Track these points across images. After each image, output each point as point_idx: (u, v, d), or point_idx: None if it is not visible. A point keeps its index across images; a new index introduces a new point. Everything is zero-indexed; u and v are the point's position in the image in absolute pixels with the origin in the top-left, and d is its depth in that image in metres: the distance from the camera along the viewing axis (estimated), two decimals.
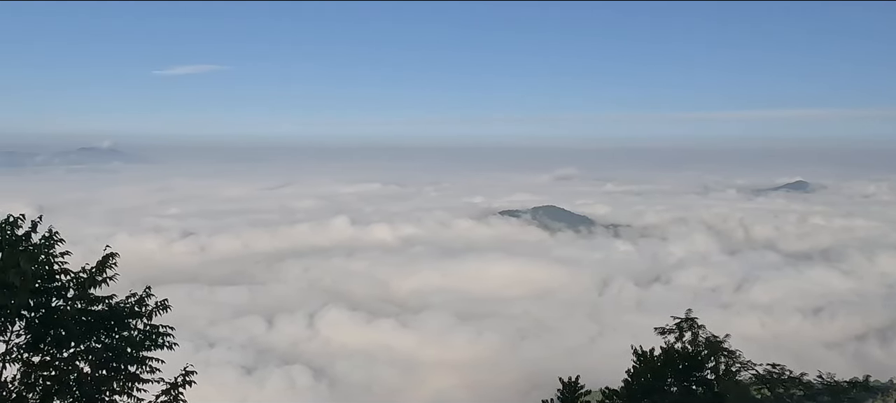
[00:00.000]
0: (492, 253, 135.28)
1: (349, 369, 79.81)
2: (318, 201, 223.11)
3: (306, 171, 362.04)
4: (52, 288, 10.01)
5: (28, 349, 9.90)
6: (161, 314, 10.88)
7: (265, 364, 77.82)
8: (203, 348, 75.23)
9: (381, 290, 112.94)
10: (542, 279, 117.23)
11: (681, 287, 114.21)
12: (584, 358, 74.85)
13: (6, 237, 9.62)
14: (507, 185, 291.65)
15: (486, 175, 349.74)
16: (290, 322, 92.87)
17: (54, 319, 9.94)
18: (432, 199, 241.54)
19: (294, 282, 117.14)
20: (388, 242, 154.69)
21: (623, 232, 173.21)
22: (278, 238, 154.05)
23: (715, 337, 18.28)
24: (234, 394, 68.32)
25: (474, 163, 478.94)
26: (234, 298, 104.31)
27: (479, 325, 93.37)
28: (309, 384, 74.37)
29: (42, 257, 9.72)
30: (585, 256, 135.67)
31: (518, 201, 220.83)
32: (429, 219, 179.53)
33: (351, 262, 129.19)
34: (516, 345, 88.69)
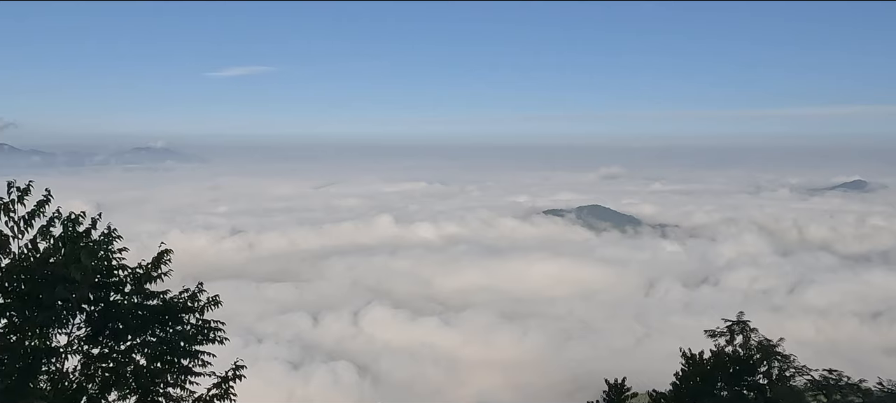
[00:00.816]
0: (536, 252, 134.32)
1: (393, 366, 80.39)
2: (362, 200, 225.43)
3: (352, 170, 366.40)
4: (111, 283, 10.35)
5: (88, 341, 10.27)
6: (212, 309, 11.17)
7: (311, 359, 78.97)
8: (252, 343, 76.85)
9: (425, 288, 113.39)
10: (587, 279, 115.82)
11: (730, 288, 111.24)
12: (629, 360, 73.62)
13: (68, 233, 10.00)
14: (552, 184, 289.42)
15: (531, 174, 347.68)
16: (335, 319, 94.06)
17: (112, 313, 10.28)
18: (476, 198, 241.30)
19: (338, 280, 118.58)
20: (432, 241, 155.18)
21: (670, 232, 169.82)
22: (324, 236, 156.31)
23: (768, 341, 17.74)
24: (280, 389, 69.60)
25: (519, 161, 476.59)
26: (281, 294, 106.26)
27: (523, 325, 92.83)
28: (353, 380, 75.16)
29: (101, 253, 10.07)
30: (631, 256, 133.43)
31: (563, 200, 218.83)
32: (472, 218, 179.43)
33: (395, 260, 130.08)
34: (560, 346, 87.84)
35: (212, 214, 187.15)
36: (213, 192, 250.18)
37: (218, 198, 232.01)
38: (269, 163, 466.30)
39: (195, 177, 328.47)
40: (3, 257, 9.59)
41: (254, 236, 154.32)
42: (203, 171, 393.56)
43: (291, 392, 71.01)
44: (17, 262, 9.64)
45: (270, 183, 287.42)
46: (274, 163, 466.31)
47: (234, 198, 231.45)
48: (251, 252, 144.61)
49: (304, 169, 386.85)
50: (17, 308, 9.54)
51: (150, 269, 10.64)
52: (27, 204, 9.85)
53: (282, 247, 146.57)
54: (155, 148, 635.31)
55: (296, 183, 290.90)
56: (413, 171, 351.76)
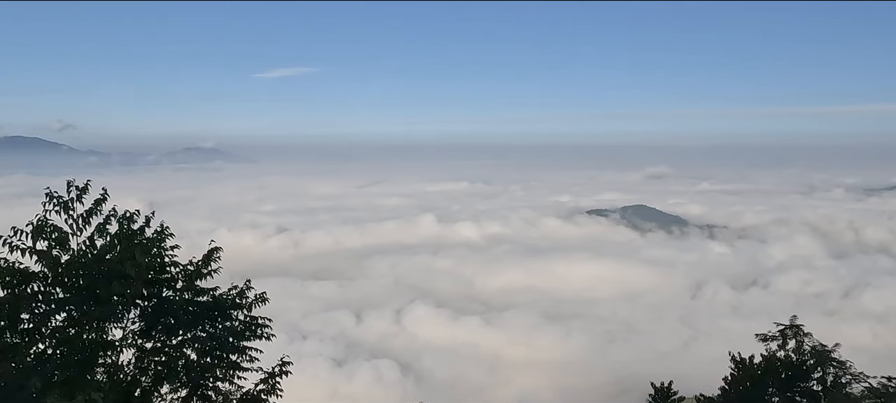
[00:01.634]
0: (579, 252, 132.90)
1: (435, 365, 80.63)
2: (405, 199, 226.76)
3: (395, 170, 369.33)
4: (163, 280, 10.68)
5: (141, 335, 10.61)
6: (260, 306, 11.42)
7: (354, 357, 79.82)
8: (296, 340, 78.14)
9: (467, 288, 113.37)
10: (632, 280, 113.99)
11: (781, 291, 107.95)
12: (676, 363, 72.14)
13: (123, 231, 10.34)
14: (596, 184, 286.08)
15: (575, 173, 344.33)
16: (378, 317, 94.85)
17: (165, 308, 10.59)
18: (519, 198, 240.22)
19: (381, 279, 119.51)
20: (474, 240, 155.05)
21: (719, 233, 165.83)
22: (367, 235, 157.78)
23: (822, 346, 17.15)
24: (325, 385, 70.54)
25: (563, 161, 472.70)
26: (325, 292, 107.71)
27: (566, 326, 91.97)
28: (396, 378, 75.66)
29: (154, 250, 10.38)
30: (678, 257, 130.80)
31: (607, 200, 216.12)
32: (515, 218, 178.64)
33: (437, 260, 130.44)
34: (604, 347, 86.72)
35: (258, 213, 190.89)
36: (260, 191, 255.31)
37: (264, 197, 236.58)
38: (313, 162, 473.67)
39: (242, 177, 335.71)
40: (63, 253, 9.98)
41: (299, 234, 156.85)
42: (250, 171, 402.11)
43: (335, 389, 71.91)
44: (76, 258, 10.02)
45: (315, 182, 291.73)
46: (318, 162, 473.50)
47: (279, 197, 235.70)
48: (296, 250, 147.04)
49: (347, 168, 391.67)
50: (76, 302, 9.91)
51: (200, 266, 10.93)
52: (85, 202, 10.24)
53: (326, 246, 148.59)
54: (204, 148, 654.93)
55: (340, 182, 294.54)
56: (456, 171, 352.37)
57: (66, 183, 10.16)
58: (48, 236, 9.82)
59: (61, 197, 10.04)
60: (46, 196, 10.02)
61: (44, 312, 9.84)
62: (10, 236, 9.70)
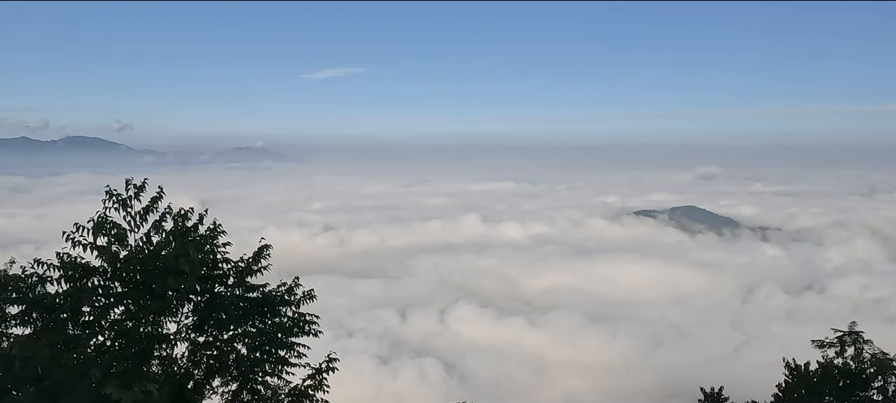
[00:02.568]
0: (626, 254, 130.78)
1: (479, 365, 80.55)
2: (450, 198, 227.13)
3: (440, 169, 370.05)
4: (215, 276, 10.98)
5: (194, 329, 10.93)
6: (307, 303, 11.64)
7: (399, 355, 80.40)
8: (342, 337, 79.13)
9: (511, 288, 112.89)
10: (680, 282, 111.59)
11: (838, 297, 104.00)
12: (726, 368, 70.37)
13: (178, 228, 10.68)
14: (644, 184, 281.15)
15: (622, 173, 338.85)
16: (423, 316, 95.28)
17: (216, 304, 10.89)
18: (564, 198, 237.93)
19: (425, 278, 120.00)
20: (519, 240, 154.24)
21: (772, 235, 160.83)
22: (411, 234, 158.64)
23: (884, 354, 16.46)
24: (370, 383, 71.25)
25: (610, 161, 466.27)
26: (370, 290, 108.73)
27: (612, 328, 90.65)
28: (440, 377, 75.86)
29: (207, 247, 10.68)
30: (729, 260, 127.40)
31: (655, 201, 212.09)
32: (560, 218, 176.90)
33: (481, 259, 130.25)
34: (651, 351, 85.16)
35: (306, 211, 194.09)
36: (307, 190, 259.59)
37: (311, 195, 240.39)
38: (360, 162, 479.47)
39: (291, 176, 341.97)
40: (122, 249, 10.36)
41: (345, 233, 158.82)
42: (298, 170, 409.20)
43: (380, 386, 72.56)
44: (134, 254, 10.39)
45: (361, 181, 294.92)
46: (365, 162, 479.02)
47: (326, 195, 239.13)
48: (342, 248, 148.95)
49: (393, 168, 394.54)
50: (133, 296, 10.28)
51: (251, 263, 11.22)
52: (142, 200, 10.61)
53: (371, 244, 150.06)
54: (254, 148, 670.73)
55: (385, 181, 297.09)
56: (501, 171, 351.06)
57: (124, 181, 10.55)
58: (108, 232, 10.21)
59: (120, 195, 10.43)
60: (106, 194, 10.42)
61: (103, 305, 10.25)
62: (73, 232, 10.13)
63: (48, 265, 10.10)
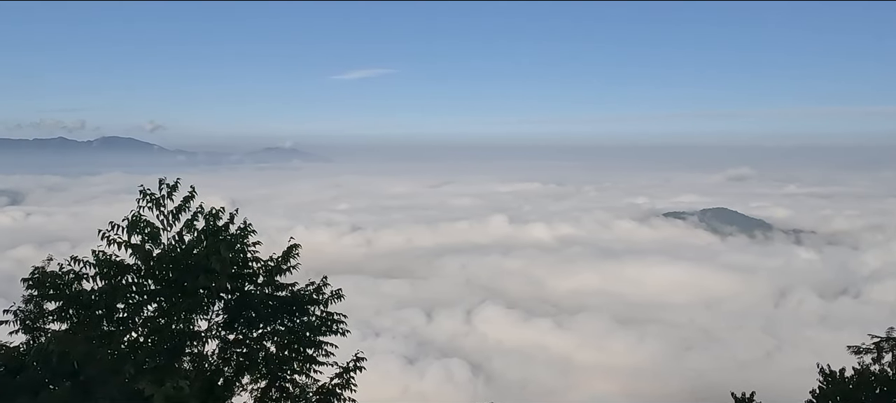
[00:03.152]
0: (654, 256, 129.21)
1: (505, 366, 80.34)
2: (477, 199, 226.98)
3: (467, 170, 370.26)
4: (245, 274, 11.14)
5: (225, 327, 11.10)
6: (335, 302, 11.74)
7: (425, 355, 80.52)
8: (369, 336, 79.47)
9: (538, 289, 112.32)
10: (710, 286, 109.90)
11: (875, 302, 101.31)
12: (757, 374, 69.11)
13: (209, 227, 10.86)
14: (674, 186, 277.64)
15: (651, 174, 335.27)
16: (449, 316, 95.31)
17: (246, 302, 11.04)
18: (592, 199, 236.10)
19: (452, 278, 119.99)
20: (546, 241, 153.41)
21: (806, 238, 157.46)
22: (438, 234, 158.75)
23: None
24: (396, 383, 71.48)
25: (638, 162, 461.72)
26: (397, 290, 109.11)
27: (640, 331, 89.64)
28: (467, 377, 75.82)
29: (238, 246, 10.85)
30: (760, 263, 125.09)
31: (685, 202, 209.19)
32: (588, 219, 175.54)
33: (507, 260, 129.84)
34: (680, 355, 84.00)
35: (333, 211, 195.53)
36: (335, 190, 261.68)
37: (339, 196, 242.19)
38: (388, 162, 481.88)
39: (319, 176, 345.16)
40: (155, 247, 10.57)
41: (372, 233, 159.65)
42: (326, 170, 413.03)
43: (406, 386, 72.77)
44: (166, 252, 10.59)
45: (389, 181, 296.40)
46: (393, 162, 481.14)
47: (354, 196, 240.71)
48: (369, 248, 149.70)
49: (420, 168, 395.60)
50: (166, 294, 10.48)
51: (280, 262, 11.35)
52: (175, 199, 10.82)
53: (398, 244, 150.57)
54: (283, 148, 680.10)
55: (413, 182, 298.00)
56: (528, 171, 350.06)
57: (158, 181, 10.77)
58: (141, 231, 10.43)
59: (154, 194, 10.65)
60: (140, 193, 10.64)
61: (137, 302, 10.47)
62: (108, 230, 10.37)
63: (84, 262, 10.34)
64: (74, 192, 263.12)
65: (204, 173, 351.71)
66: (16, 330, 10.91)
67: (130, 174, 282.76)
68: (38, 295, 10.63)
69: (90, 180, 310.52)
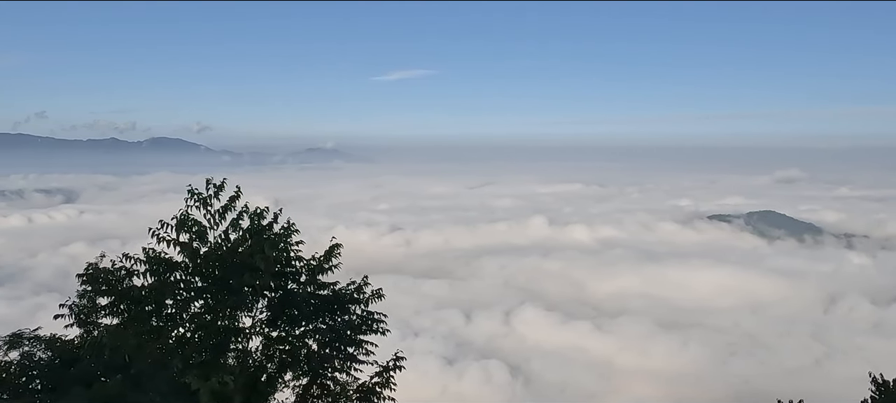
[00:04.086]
0: (698, 259, 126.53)
1: (544, 368, 79.70)
2: (517, 200, 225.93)
3: (508, 171, 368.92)
4: (289, 273, 11.35)
5: (268, 324, 11.33)
6: (376, 302, 11.87)
7: (464, 356, 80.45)
8: (408, 336, 79.81)
9: (577, 292, 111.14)
10: (756, 290, 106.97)
11: None
12: (806, 381, 67.14)
13: (254, 226, 11.12)
14: (719, 188, 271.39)
15: (696, 177, 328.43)
16: (487, 317, 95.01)
17: (289, 300, 11.25)
18: (635, 201, 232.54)
19: (491, 279, 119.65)
20: (586, 243, 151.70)
21: (858, 243, 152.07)
22: (477, 235, 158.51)
23: None
24: (435, 383, 71.63)
25: (682, 163, 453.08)
26: (436, 291, 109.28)
27: (683, 335, 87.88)
28: (505, 379, 75.52)
29: (281, 245, 11.08)
30: (809, 268, 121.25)
31: (730, 205, 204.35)
32: (630, 222, 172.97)
33: (547, 262, 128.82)
34: (725, 360, 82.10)
35: (373, 211, 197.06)
36: (376, 191, 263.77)
37: (379, 196, 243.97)
38: (428, 162, 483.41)
39: (360, 176, 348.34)
40: (202, 245, 10.87)
41: (411, 233, 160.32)
42: (367, 171, 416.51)
43: (445, 387, 72.85)
44: (213, 250, 10.87)
45: (428, 182, 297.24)
46: (433, 162, 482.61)
47: (394, 196, 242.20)
48: (408, 248, 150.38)
49: (461, 169, 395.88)
50: (212, 291, 10.75)
51: (322, 261, 11.54)
52: (221, 199, 11.10)
53: (437, 245, 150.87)
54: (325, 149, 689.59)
55: (452, 182, 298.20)
56: (569, 173, 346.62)
57: (205, 181, 11.06)
58: (189, 229, 10.73)
59: (201, 194, 10.94)
60: (188, 193, 10.95)
61: (184, 299, 10.77)
62: (158, 228, 10.70)
63: (135, 259, 10.68)
64: (124, 191, 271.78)
65: (248, 173, 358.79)
66: (71, 324, 11.31)
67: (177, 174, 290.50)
68: (92, 291, 11.00)
69: (139, 179, 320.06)
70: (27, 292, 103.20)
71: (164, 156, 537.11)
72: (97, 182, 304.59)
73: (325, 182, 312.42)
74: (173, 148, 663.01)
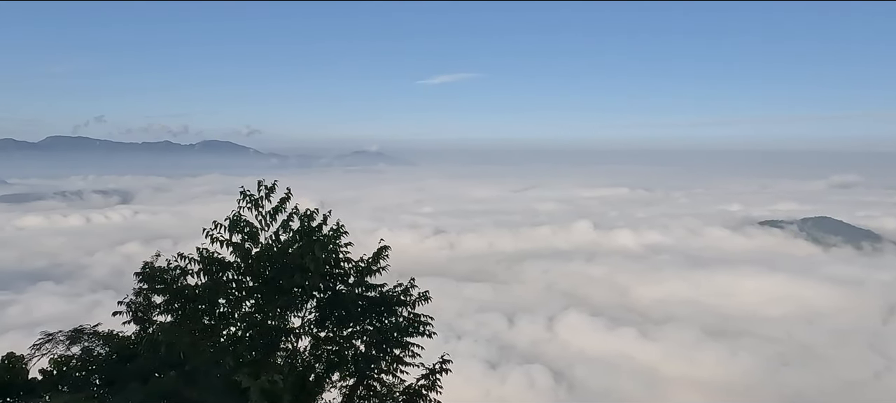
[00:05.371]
0: (749, 266, 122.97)
1: (588, 374, 78.65)
2: (561, 204, 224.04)
3: (553, 174, 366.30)
4: (337, 274, 11.49)
5: (316, 325, 11.47)
6: (422, 304, 11.91)
7: (507, 360, 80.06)
8: (451, 339, 79.86)
9: (622, 297, 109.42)
10: (810, 299, 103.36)
11: None
12: (863, 395, 64.79)
13: (304, 227, 11.29)
14: (771, 193, 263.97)
15: (746, 181, 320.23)
16: (530, 321, 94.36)
17: (337, 301, 11.38)
18: (682, 206, 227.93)
19: (534, 283, 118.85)
20: (631, 248, 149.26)
21: None
22: (520, 239, 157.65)
23: None
24: (478, 387, 71.46)
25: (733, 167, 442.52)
26: (479, 294, 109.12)
27: (732, 344, 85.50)
28: (549, 385, 74.81)
29: (330, 246, 11.22)
30: (868, 276, 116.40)
31: (783, 210, 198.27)
32: (677, 227, 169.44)
33: (591, 267, 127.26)
34: (777, 371, 79.50)
35: (417, 214, 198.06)
36: (419, 193, 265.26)
37: (423, 199, 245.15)
38: (471, 166, 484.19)
39: (404, 179, 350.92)
40: (254, 246, 11.09)
41: (454, 236, 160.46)
42: (411, 174, 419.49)
43: (488, 391, 72.59)
44: (264, 251, 11.09)
45: (472, 185, 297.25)
46: (476, 166, 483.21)
47: (437, 199, 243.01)
48: (452, 251, 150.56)
49: (504, 172, 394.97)
50: (263, 291, 10.96)
51: (370, 263, 11.64)
52: (272, 200, 11.32)
53: (480, 248, 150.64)
54: (370, 151, 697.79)
55: (496, 186, 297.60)
56: (615, 177, 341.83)
57: (256, 183, 11.28)
58: (242, 230, 10.96)
59: (253, 195, 11.17)
60: (241, 194, 11.19)
61: (236, 298, 11.01)
62: (211, 229, 10.96)
63: (189, 259, 10.96)
64: (177, 193, 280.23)
65: (295, 175, 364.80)
66: (128, 321, 11.68)
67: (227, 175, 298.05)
68: (148, 289, 11.34)
69: (191, 181, 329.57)
70: (85, 289, 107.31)
71: (215, 158, 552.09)
72: (151, 183, 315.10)
73: (369, 184, 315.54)
74: (224, 150, 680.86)
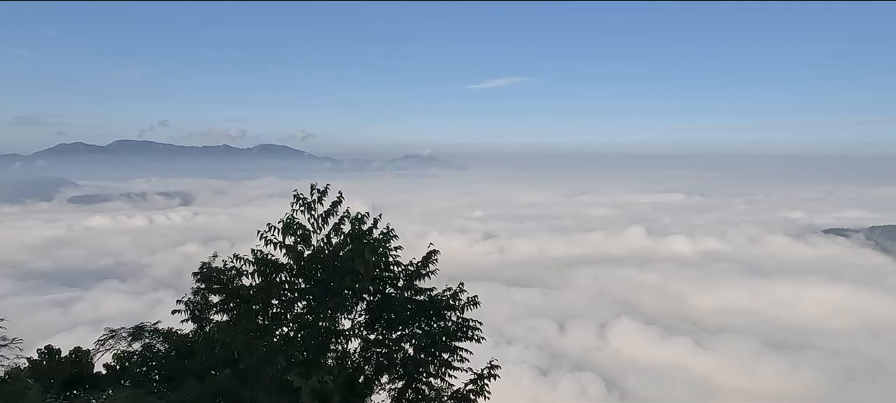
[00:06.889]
0: (811, 275, 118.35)
1: (640, 384, 77.02)
2: (614, 210, 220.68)
3: (606, 179, 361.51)
4: (387, 277, 11.55)
5: (366, 327, 11.57)
6: (471, 309, 11.87)
7: (558, 367, 79.14)
8: (501, 344, 79.46)
9: (676, 306, 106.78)
10: (879, 311, 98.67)
11: None
12: None
13: (355, 231, 11.42)
14: (836, 200, 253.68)
15: (810, 187, 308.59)
16: (582, 328, 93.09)
17: (387, 304, 11.44)
18: (741, 212, 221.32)
19: (584, 289, 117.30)
20: (686, 255, 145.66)
21: None
22: (572, 244, 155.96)
23: None
24: (527, 393, 70.82)
25: (796, 173, 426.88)
26: (529, 299, 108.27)
27: (794, 357, 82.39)
28: (600, 393, 73.58)
29: (381, 250, 11.30)
30: None
31: (849, 218, 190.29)
32: (735, 234, 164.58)
33: (644, 274, 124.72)
34: (842, 386, 76.16)
35: (468, 218, 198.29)
36: (470, 198, 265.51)
37: (474, 203, 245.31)
38: (523, 170, 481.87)
39: (455, 183, 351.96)
40: (306, 248, 11.29)
41: (505, 241, 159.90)
42: (462, 178, 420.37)
43: (538, 397, 71.91)
44: (316, 253, 11.26)
45: (523, 190, 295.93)
46: (528, 170, 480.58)
47: (488, 203, 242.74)
48: (502, 256, 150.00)
49: (556, 177, 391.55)
50: (314, 292, 11.13)
51: (419, 267, 11.66)
52: (324, 204, 11.49)
53: (531, 253, 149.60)
54: (422, 156, 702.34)
55: (547, 191, 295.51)
56: (670, 182, 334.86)
57: (309, 186, 11.48)
58: (294, 232, 11.17)
59: (306, 199, 11.37)
60: (294, 197, 11.40)
61: (289, 299, 11.21)
62: (266, 231, 11.21)
63: (244, 260, 11.23)
64: (234, 195, 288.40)
65: (348, 179, 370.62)
66: (186, 319, 12.06)
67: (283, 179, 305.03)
68: (205, 289, 11.67)
69: (248, 184, 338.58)
70: (147, 287, 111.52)
71: (271, 162, 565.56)
72: (210, 186, 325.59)
73: (421, 188, 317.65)
74: (279, 154, 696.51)
